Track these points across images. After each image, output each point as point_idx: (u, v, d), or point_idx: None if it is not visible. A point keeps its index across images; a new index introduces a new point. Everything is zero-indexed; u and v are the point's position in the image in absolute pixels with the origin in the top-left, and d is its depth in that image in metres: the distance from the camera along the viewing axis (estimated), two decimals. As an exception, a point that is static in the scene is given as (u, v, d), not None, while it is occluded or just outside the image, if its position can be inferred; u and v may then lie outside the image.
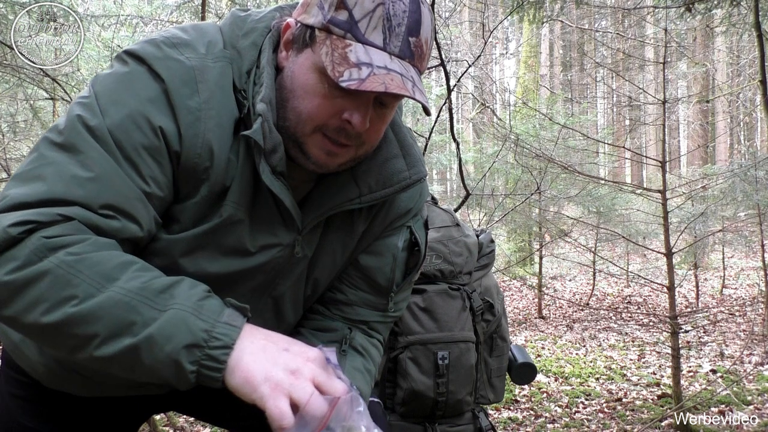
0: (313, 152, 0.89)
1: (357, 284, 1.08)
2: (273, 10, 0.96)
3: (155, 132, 0.83)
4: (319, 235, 1.01)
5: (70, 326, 0.75)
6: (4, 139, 3.94)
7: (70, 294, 0.74)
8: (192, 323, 0.75)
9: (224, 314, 0.78)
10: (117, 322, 0.74)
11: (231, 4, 4.09)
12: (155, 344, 0.74)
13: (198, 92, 0.85)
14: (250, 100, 0.87)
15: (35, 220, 0.76)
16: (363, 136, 0.89)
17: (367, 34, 0.82)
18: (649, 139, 18.93)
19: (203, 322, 0.76)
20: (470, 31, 14.44)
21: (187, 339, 0.74)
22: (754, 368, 4.72)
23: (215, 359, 0.75)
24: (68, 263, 0.75)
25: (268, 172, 0.87)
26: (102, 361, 0.76)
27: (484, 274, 1.73)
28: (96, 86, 0.85)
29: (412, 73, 0.85)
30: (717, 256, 9.99)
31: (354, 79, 0.80)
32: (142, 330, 0.74)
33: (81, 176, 0.79)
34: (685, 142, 18.98)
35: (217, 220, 0.89)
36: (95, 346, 0.75)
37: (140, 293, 0.76)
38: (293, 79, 0.88)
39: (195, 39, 0.89)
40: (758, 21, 2.98)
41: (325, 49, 0.83)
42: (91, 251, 0.76)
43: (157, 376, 0.76)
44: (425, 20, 0.86)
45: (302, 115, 0.87)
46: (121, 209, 0.81)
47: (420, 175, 1.01)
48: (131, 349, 0.75)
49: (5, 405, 1.10)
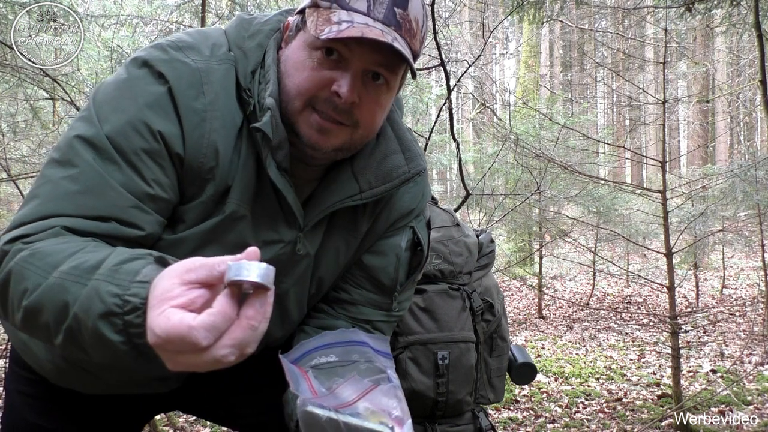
0: (304, 131, 0.89)
1: (361, 284, 1.10)
2: (278, 13, 0.98)
3: (155, 136, 0.84)
4: (323, 234, 1.02)
5: (31, 319, 0.74)
6: (4, 139, 3.94)
7: (24, 288, 0.74)
8: (103, 291, 0.67)
9: (141, 273, 0.68)
10: (56, 307, 0.71)
11: (231, 5, 4.09)
12: (80, 321, 0.69)
13: (204, 93, 0.87)
14: (255, 98, 0.89)
15: (22, 234, 0.78)
16: (355, 113, 0.89)
17: (351, 3, 0.85)
18: (649, 139, 18.92)
19: (116, 287, 0.67)
20: (470, 31, 14.44)
21: (100, 308, 0.67)
22: (754, 368, 4.72)
23: (133, 324, 0.66)
24: (24, 258, 0.75)
25: (274, 167, 0.88)
26: (65, 350, 0.73)
27: (484, 274, 1.73)
28: (98, 95, 0.88)
29: (397, 37, 0.86)
30: (717, 256, 9.98)
31: (333, 31, 0.82)
32: (72, 308, 0.69)
33: (71, 191, 0.81)
34: (685, 142, 18.98)
35: (220, 217, 0.90)
36: (53, 334, 0.72)
37: (72, 272, 0.71)
38: (287, 62, 0.90)
39: (199, 42, 0.91)
40: (758, 21, 2.98)
41: (312, 20, 0.86)
42: (51, 245, 0.75)
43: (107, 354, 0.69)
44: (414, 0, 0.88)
45: (292, 91, 0.88)
46: (114, 218, 0.83)
47: (419, 168, 1.02)
48: (71, 330, 0.70)
49: (12, 402, 1.11)
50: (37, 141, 4.23)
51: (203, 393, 1.18)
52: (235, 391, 1.19)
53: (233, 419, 1.23)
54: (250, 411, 1.20)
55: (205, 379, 1.15)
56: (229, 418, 1.24)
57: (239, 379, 1.18)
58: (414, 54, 0.90)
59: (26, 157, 4.25)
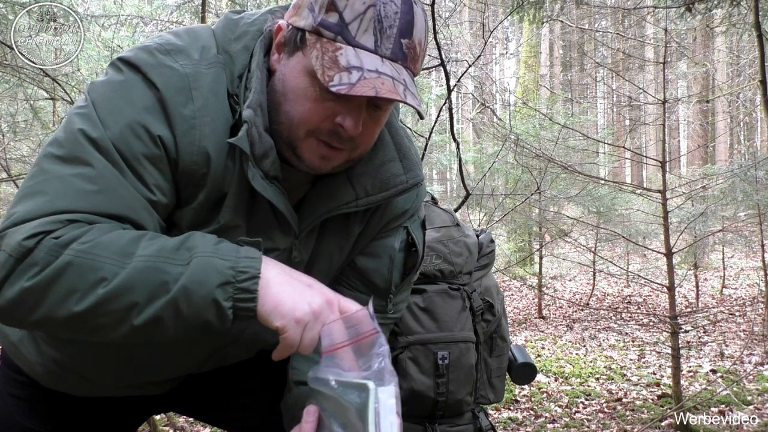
0: (306, 156, 0.88)
1: (355, 286, 1.08)
2: (265, 12, 0.95)
3: (154, 141, 0.83)
4: (315, 239, 1.01)
5: (106, 305, 0.77)
6: (4, 139, 3.94)
7: (99, 277, 0.76)
8: (217, 264, 0.79)
9: (242, 251, 0.81)
10: (150, 286, 0.77)
11: (231, 4, 4.09)
12: (191, 292, 0.77)
13: (192, 99, 0.84)
14: (241, 105, 0.87)
15: (43, 230, 0.78)
16: (357, 139, 0.88)
17: (357, 37, 0.81)
18: (649, 139, 18.91)
19: (226, 261, 0.79)
20: (470, 31, 14.44)
21: (218, 279, 0.78)
22: (754, 368, 4.72)
23: (246, 290, 0.79)
24: (84, 251, 0.77)
25: (259, 177, 0.86)
26: (142, 327, 0.78)
27: (484, 274, 1.73)
28: (92, 94, 0.85)
29: (405, 76, 0.83)
30: (717, 256, 9.98)
31: (344, 83, 0.79)
32: (174, 284, 0.77)
33: (86, 189, 0.80)
34: (685, 142, 18.98)
35: (215, 226, 0.89)
36: (135, 314, 0.78)
37: (160, 255, 0.78)
38: (285, 83, 0.87)
39: (189, 44, 0.88)
40: (758, 21, 2.98)
41: (316, 52, 0.82)
42: (100, 235, 0.78)
43: (197, 323, 0.79)
44: (418, 21, 0.85)
45: (294, 120, 0.86)
46: (128, 219, 0.82)
47: (416, 180, 1.00)
48: (170, 303, 0.78)
49: (4, 405, 1.11)
50: (37, 141, 4.22)
51: (198, 395, 1.17)
52: (230, 393, 1.18)
53: (228, 422, 1.23)
54: (243, 414, 1.19)
55: (201, 381, 1.14)
56: (224, 421, 1.23)
57: (234, 382, 1.17)
58: (414, 74, 0.88)
59: (26, 157, 4.25)
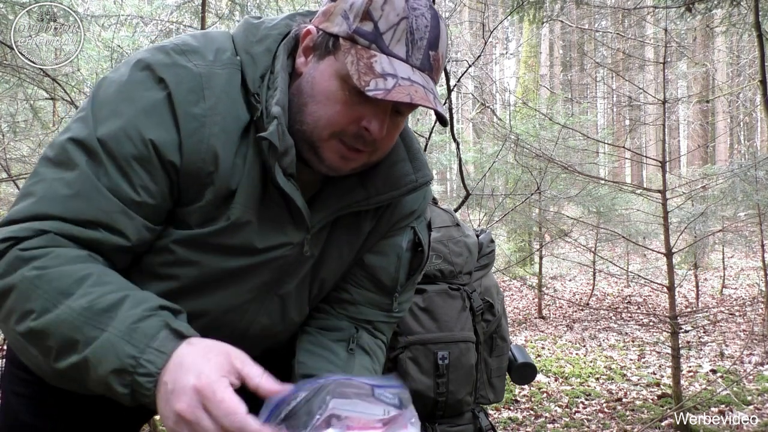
0: (327, 156, 0.91)
1: (362, 283, 1.11)
2: (285, 17, 0.99)
3: (145, 144, 0.85)
4: (326, 235, 1.03)
5: (33, 338, 0.80)
6: (4, 139, 3.94)
7: (30, 308, 0.79)
8: (120, 349, 0.76)
9: (157, 338, 0.77)
10: (65, 340, 0.78)
11: (231, 5, 4.09)
12: (91, 365, 0.77)
13: (204, 99, 0.87)
14: (263, 104, 0.89)
15: (14, 236, 0.81)
16: (378, 142, 0.91)
17: (391, 46, 0.85)
18: (649, 139, 18.91)
19: (132, 347, 0.76)
20: (470, 31, 14.44)
21: (114, 364, 0.76)
22: (754, 368, 4.72)
23: (142, 386, 0.76)
24: (30, 279, 0.79)
25: (282, 175, 0.89)
26: (62, 372, 0.80)
27: (484, 274, 1.73)
28: (99, 94, 0.88)
29: (431, 85, 0.88)
30: (717, 256, 9.98)
31: (380, 89, 0.82)
32: (83, 349, 0.77)
33: (63, 194, 0.83)
34: (685, 142, 18.98)
35: (225, 223, 0.91)
36: (53, 358, 0.80)
37: (84, 313, 0.78)
38: (314, 85, 0.90)
39: (204, 46, 0.91)
40: (758, 21, 2.98)
41: (350, 57, 0.85)
42: (55, 266, 0.80)
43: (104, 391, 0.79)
44: (443, 35, 0.90)
45: (321, 120, 0.89)
46: (101, 223, 0.85)
47: (426, 179, 1.04)
48: (77, 365, 0.78)
49: (8, 403, 1.11)
50: (37, 141, 4.23)
51: None
52: None
53: None
54: None
55: None
56: None
57: None
58: (436, 83, 0.93)
59: (26, 157, 4.25)
